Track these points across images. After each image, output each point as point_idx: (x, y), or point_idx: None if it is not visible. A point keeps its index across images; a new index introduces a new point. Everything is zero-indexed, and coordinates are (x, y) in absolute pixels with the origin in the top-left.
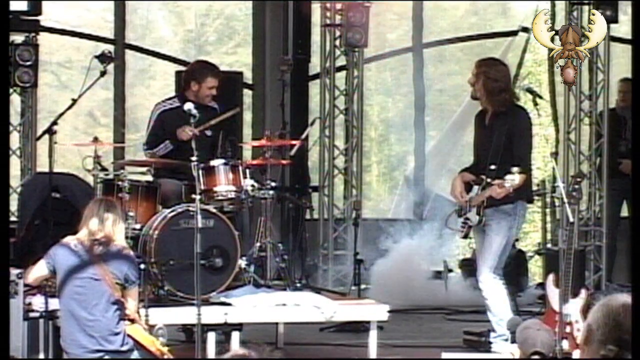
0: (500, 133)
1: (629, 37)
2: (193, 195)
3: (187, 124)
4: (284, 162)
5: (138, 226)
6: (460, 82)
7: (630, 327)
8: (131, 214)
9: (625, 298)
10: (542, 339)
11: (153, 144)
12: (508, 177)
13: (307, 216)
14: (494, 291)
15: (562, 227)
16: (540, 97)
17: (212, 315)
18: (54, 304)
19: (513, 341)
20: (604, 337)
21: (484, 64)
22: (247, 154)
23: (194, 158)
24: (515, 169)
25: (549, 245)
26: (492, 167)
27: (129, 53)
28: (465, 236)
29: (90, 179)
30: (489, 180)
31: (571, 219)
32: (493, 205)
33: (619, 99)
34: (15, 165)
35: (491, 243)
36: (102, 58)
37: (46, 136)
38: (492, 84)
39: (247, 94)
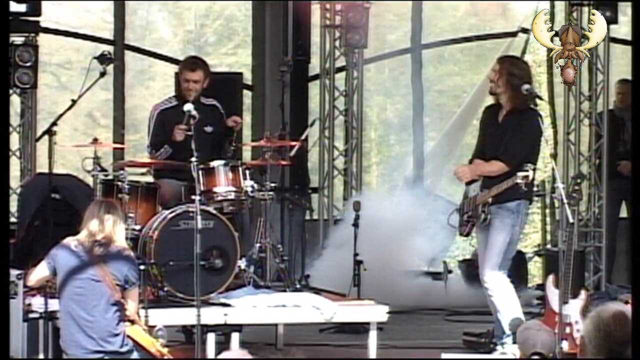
0: (512, 132)
1: (629, 38)
2: (193, 196)
3: (185, 123)
4: (283, 163)
5: (138, 227)
6: (459, 83)
7: (621, 337)
8: (131, 214)
9: (617, 307)
10: (542, 340)
11: (157, 145)
12: (519, 174)
13: (307, 217)
14: (500, 289)
15: (562, 228)
16: (540, 98)
17: (211, 316)
18: (53, 304)
19: (514, 341)
20: (595, 349)
21: (507, 61)
22: (246, 154)
23: (193, 159)
24: (530, 166)
25: (548, 246)
26: None
27: (128, 54)
28: (467, 234)
29: (89, 180)
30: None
31: (571, 220)
32: (497, 203)
33: (617, 100)
34: (15, 166)
35: (495, 241)
36: (102, 59)
37: (46, 137)
38: (517, 81)
39: (247, 95)
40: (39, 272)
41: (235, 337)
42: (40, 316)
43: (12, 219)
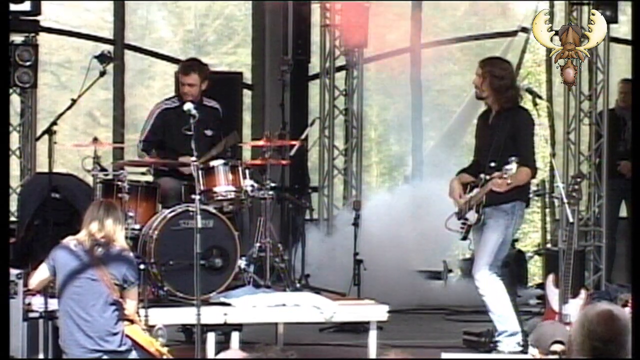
0: (502, 131)
1: (628, 37)
2: (193, 196)
3: (186, 124)
4: (283, 162)
5: (138, 226)
6: (459, 83)
7: (604, 334)
8: (131, 214)
9: (605, 306)
10: (559, 330)
11: (150, 143)
12: (506, 167)
13: (307, 217)
14: (490, 288)
15: (562, 227)
16: (540, 98)
17: (211, 315)
18: (53, 304)
19: (524, 341)
20: (579, 346)
21: (489, 63)
22: (246, 154)
23: (193, 158)
24: (513, 159)
25: (548, 246)
26: (492, 164)
27: (128, 53)
28: (465, 237)
29: (89, 179)
30: (487, 177)
31: (571, 219)
32: (492, 204)
33: (619, 99)
34: (14, 166)
35: (487, 241)
36: (102, 58)
37: (46, 136)
38: (499, 82)
39: (247, 95)
40: (40, 275)
41: (235, 337)
42: (40, 316)
43: (12, 219)
